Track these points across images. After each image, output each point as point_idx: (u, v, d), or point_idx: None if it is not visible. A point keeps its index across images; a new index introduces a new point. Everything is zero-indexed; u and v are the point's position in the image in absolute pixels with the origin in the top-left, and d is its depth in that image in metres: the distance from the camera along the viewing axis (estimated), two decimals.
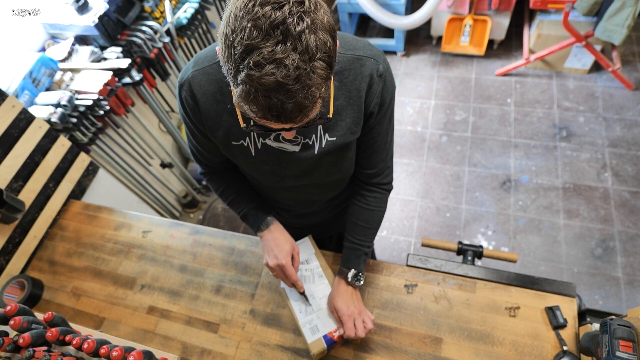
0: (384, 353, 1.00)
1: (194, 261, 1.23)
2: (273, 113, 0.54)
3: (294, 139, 0.81)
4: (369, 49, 0.77)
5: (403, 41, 3.11)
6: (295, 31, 0.50)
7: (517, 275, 1.08)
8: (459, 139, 2.67)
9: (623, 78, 2.64)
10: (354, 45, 0.76)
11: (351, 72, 0.75)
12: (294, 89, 0.52)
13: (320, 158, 0.85)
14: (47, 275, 1.30)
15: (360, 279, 0.99)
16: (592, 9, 2.25)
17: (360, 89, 0.76)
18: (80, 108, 1.59)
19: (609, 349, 0.73)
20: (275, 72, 0.50)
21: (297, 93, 0.52)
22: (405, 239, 2.31)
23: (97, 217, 1.40)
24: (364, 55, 0.76)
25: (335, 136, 0.81)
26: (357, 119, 0.80)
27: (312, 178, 0.91)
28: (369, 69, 0.75)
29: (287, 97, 0.52)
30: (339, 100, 0.77)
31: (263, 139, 0.81)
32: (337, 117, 0.79)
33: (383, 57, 0.78)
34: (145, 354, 0.79)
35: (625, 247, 2.10)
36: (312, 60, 0.52)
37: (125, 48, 1.82)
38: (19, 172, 1.30)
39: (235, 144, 0.83)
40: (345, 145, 0.84)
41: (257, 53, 0.50)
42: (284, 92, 0.52)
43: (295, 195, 0.99)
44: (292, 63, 0.50)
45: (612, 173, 2.36)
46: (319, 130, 0.80)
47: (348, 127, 0.80)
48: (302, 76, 0.51)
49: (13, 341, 0.82)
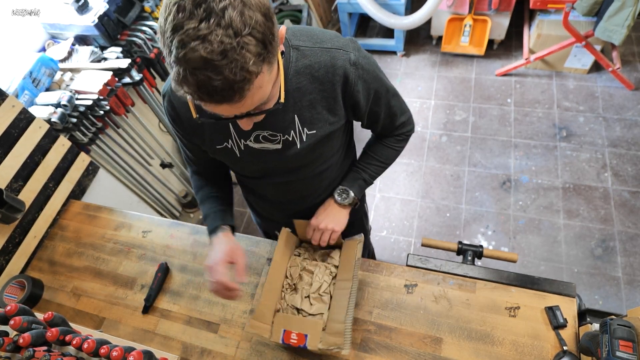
0: (384, 353, 1.00)
1: (194, 261, 1.23)
2: (203, 91, 0.54)
3: (273, 137, 0.82)
4: (336, 40, 0.78)
5: (403, 41, 3.11)
6: (218, 8, 0.50)
7: (517, 275, 1.08)
8: (459, 139, 2.67)
9: (623, 78, 2.64)
10: (321, 38, 0.77)
11: (321, 65, 0.76)
12: (220, 65, 0.51)
13: (304, 153, 0.86)
14: (47, 275, 1.29)
15: (344, 196, 1.01)
16: (592, 9, 2.25)
17: (334, 82, 0.77)
18: (80, 108, 1.59)
19: (609, 348, 0.73)
20: (199, 48, 0.50)
21: (224, 69, 0.51)
22: (405, 239, 2.31)
23: (97, 217, 1.40)
24: (332, 47, 0.76)
25: (315, 129, 0.82)
26: (334, 110, 0.81)
27: (298, 173, 0.92)
28: (340, 60, 0.76)
29: (214, 73, 0.52)
30: (313, 95, 0.78)
31: (239, 138, 0.82)
32: (313, 111, 0.80)
33: (352, 45, 0.78)
34: (145, 354, 0.79)
35: (625, 247, 2.10)
36: (239, 36, 0.51)
37: (125, 48, 1.82)
38: (19, 172, 1.30)
39: (220, 147, 0.85)
40: (327, 136, 0.85)
41: (181, 32, 0.51)
42: (210, 68, 0.51)
43: (285, 193, 1.00)
44: (215, 38, 0.50)
45: (612, 173, 2.36)
46: (296, 125, 0.81)
47: (325, 119, 0.82)
48: (228, 51, 0.51)
49: (13, 341, 0.82)
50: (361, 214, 1.32)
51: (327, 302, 1.00)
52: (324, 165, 0.95)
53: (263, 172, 0.92)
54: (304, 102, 0.79)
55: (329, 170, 0.99)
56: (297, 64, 0.75)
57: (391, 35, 3.17)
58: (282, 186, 0.98)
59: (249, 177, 0.97)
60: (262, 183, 0.99)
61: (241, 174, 0.96)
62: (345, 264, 1.02)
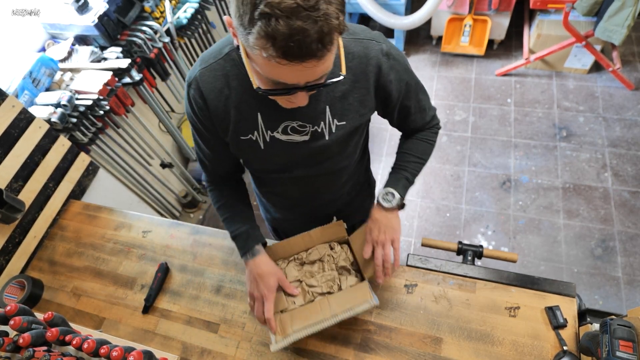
0: (384, 353, 1.00)
1: (194, 261, 1.23)
2: (295, 40, 0.52)
3: (301, 128, 0.81)
4: (367, 32, 0.79)
5: (403, 41, 3.11)
6: None
7: (517, 275, 1.08)
8: (459, 138, 2.67)
9: (623, 78, 2.64)
10: (353, 30, 0.78)
11: (355, 56, 0.76)
12: (313, 15, 0.51)
13: (331, 146, 0.85)
14: (47, 275, 1.29)
15: (389, 198, 0.94)
16: (592, 9, 2.25)
17: (367, 72, 0.77)
18: (80, 108, 1.59)
19: (609, 348, 0.73)
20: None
21: (317, 19, 0.52)
22: (405, 239, 2.31)
23: (97, 217, 1.40)
24: (365, 38, 0.77)
25: (345, 120, 0.81)
26: (365, 102, 0.81)
27: (320, 167, 0.91)
28: (373, 50, 0.77)
29: (310, 22, 0.52)
30: (345, 85, 0.78)
31: (266, 130, 0.81)
32: (345, 102, 0.79)
33: (382, 37, 0.80)
34: (145, 354, 0.79)
35: (625, 247, 2.10)
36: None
37: (125, 48, 1.82)
38: (19, 172, 1.30)
39: (244, 138, 0.83)
40: (355, 129, 0.85)
41: None
42: (304, 17, 0.51)
43: (303, 187, 0.99)
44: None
45: (612, 173, 2.36)
46: (327, 116, 0.80)
47: (356, 110, 0.81)
48: (320, 3, 0.52)
49: (13, 341, 0.82)
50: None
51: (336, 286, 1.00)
52: (346, 161, 0.94)
53: (285, 165, 0.90)
54: (336, 93, 0.78)
55: (348, 168, 0.98)
56: None
57: (391, 35, 3.17)
58: (300, 180, 0.96)
59: (269, 170, 0.94)
60: (280, 177, 0.96)
61: (260, 168, 0.94)
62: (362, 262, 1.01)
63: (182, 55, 2.24)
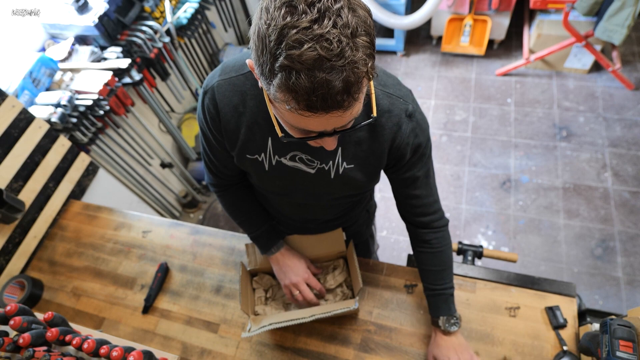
0: (384, 353, 1.00)
1: (194, 261, 1.23)
2: (318, 94, 0.49)
3: (309, 162, 0.79)
4: (398, 87, 0.75)
5: (403, 41, 3.11)
6: (333, 8, 0.48)
7: (517, 275, 1.08)
8: (459, 138, 2.67)
9: (623, 78, 2.63)
10: (385, 81, 0.74)
11: (379, 108, 0.72)
12: (338, 65, 0.48)
13: (335, 185, 0.83)
14: (47, 275, 1.29)
15: (454, 323, 0.92)
16: (592, 8, 2.25)
17: (385, 126, 0.74)
18: (80, 108, 1.59)
19: (609, 349, 0.73)
20: (316, 47, 0.47)
21: (342, 69, 0.49)
22: (405, 239, 2.31)
23: (97, 217, 1.40)
24: (393, 93, 0.74)
25: (354, 164, 0.79)
26: (378, 154, 0.78)
27: (321, 198, 0.90)
28: (397, 108, 0.73)
29: (332, 74, 0.48)
30: (363, 132, 0.75)
31: (274, 154, 0.80)
32: (358, 148, 0.77)
33: (412, 97, 0.77)
34: (145, 354, 0.79)
35: (625, 247, 2.09)
36: (354, 37, 0.49)
37: (125, 48, 1.82)
38: (19, 172, 1.30)
39: (250, 157, 0.81)
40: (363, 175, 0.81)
41: (294, 31, 0.47)
42: (328, 68, 0.48)
43: (299, 211, 0.98)
44: (333, 37, 0.47)
45: (612, 173, 2.36)
46: (337, 157, 0.78)
47: (367, 158, 0.78)
48: (345, 51, 0.48)
49: (13, 341, 0.81)
50: (367, 237, 1.26)
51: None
52: (348, 199, 0.94)
53: (285, 189, 0.88)
54: (353, 138, 0.76)
55: (351, 204, 0.98)
56: None
57: (391, 35, 3.17)
58: (300, 207, 0.95)
59: (268, 190, 0.93)
60: (279, 200, 0.96)
61: (260, 185, 0.92)
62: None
63: (182, 55, 2.24)
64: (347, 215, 1.06)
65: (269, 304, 1.07)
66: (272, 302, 1.08)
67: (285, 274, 1.02)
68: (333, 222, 1.06)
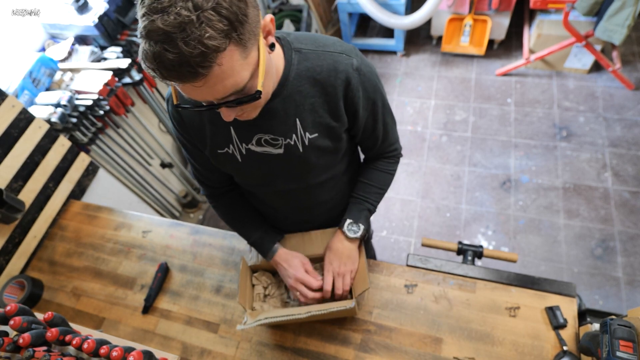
0: (384, 353, 1.00)
1: (194, 261, 1.23)
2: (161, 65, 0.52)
3: (273, 141, 0.81)
4: (339, 45, 0.78)
5: (403, 41, 3.11)
6: None
7: (517, 275, 1.08)
8: (459, 138, 2.67)
9: (623, 78, 2.63)
10: (324, 42, 0.77)
11: (324, 68, 0.75)
12: (177, 38, 0.50)
13: (307, 158, 0.85)
14: (47, 275, 1.29)
15: (355, 230, 0.99)
16: (592, 8, 2.25)
17: (336, 85, 0.76)
18: (80, 108, 1.59)
19: (609, 349, 0.73)
20: (157, 20, 0.50)
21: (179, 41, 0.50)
22: (405, 239, 2.31)
23: (97, 217, 1.40)
24: (335, 51, 0.76)
25: (317, 132, 0.81)
26: (336, 114, 0.80)
27: (302, 181, 0.91)
28: (342, 64, 0.76)
29: (170, 46, 0.50)
30: (314, 98, 0.77)
31: (240, 142, 0.82)
32: (315, 114, 0.79)
33: (355, 51, 0.79)
34: (145, 354, 0.79)
35: (626, 247, 2.09)
36: (199, 10, 0.50)
37: (125, 48, 1.82)
38: (19, 172, 1.30)
39: (221, 152, 0.84)
40: (330, 141, 0.84)
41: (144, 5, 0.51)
42: (167, 40, 0.50)
43: (288, 202, 0.99)
44: (173, 10, 0.49)
45: (612, 173, 2.36)
46: (298, 129, 0.80)
47: (327, 123, 0.81)
48: (187, 24, 0.50)
49: (13, 341, 0.81)
50: None
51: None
52: (328, 173, 0.94)
53: (264, 179, 0.91)
54: (306, 106, 0.78)
55: (333, 180, 0.98)
56: (299, 67, 0.75)
57: (391, 35, 3.17)
58: (285, 195, 0.96)
59: (251, 184, 0.96)
60: (266, 192, 0.98)
61: (245, 182, 0.95)
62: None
63: None
64: (336, 198, 1.05)
65: (267, 301, 1.07)
66: (270, 300, 1.08)
67: (284, 277, 1.03)
68: (325, 206, 1.05)
